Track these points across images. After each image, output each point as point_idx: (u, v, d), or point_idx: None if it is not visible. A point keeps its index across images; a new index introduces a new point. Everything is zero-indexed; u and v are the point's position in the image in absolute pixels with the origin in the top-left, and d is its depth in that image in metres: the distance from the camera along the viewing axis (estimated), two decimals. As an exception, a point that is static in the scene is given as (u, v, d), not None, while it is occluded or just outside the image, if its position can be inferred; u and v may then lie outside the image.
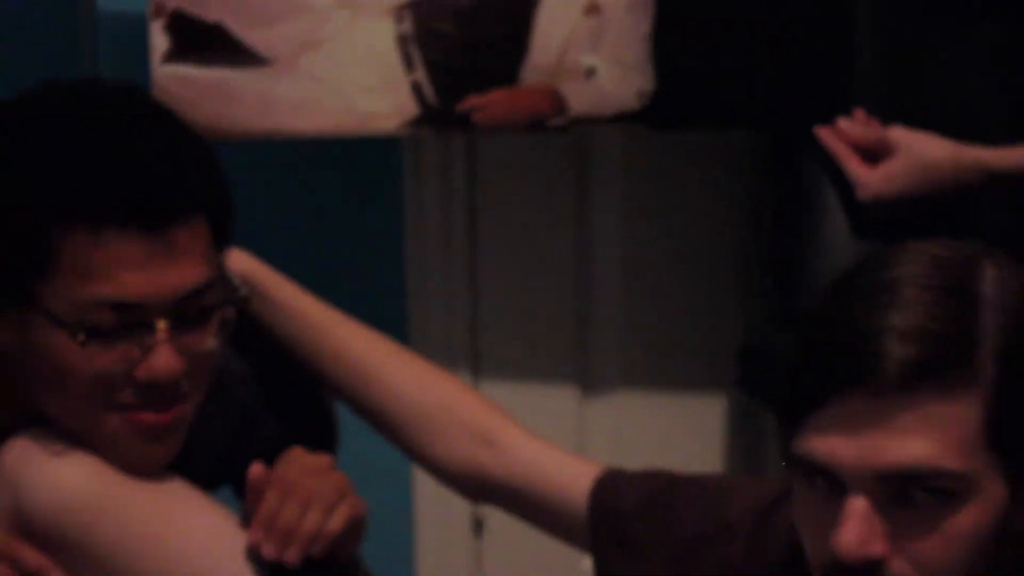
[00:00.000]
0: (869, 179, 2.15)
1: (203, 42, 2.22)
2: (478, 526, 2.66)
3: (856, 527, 1.43)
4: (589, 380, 2.65)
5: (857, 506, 1.43)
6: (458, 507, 2.58)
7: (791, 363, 1.51)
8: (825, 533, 1.44)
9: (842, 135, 2.18)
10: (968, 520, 1.46)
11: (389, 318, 2.34)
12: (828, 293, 1.51)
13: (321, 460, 1.82)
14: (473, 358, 2.60)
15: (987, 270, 1.48)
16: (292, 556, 1.74)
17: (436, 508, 2.62)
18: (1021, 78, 2.26)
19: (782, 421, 1.50)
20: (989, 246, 1.51)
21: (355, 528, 1.80)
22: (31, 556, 1.73)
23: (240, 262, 1.90)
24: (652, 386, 2.62)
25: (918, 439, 1.44)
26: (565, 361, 2.64)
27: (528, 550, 2.44)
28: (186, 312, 1.72)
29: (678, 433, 2.59)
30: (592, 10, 2.23)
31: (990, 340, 1.44)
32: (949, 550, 1.46)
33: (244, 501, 1.80)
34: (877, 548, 1.43)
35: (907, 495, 1.43)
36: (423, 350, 2.18)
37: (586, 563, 1.84)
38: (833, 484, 1.44)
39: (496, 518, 2.54)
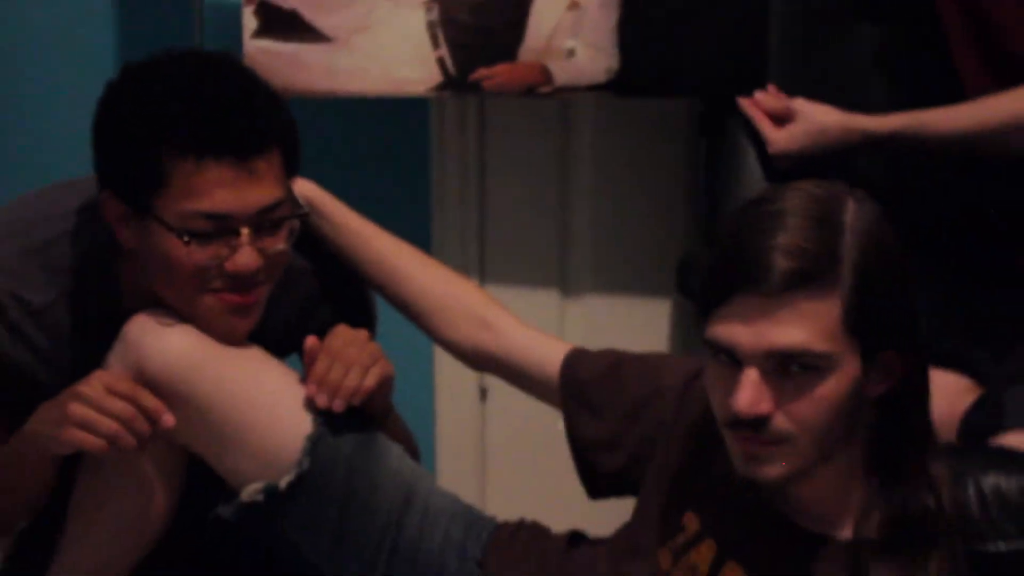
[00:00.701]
0: (777, 138, 2.16)
1: (282, 23, 2.24)
2: (483, 393, 2.67)
3: (749, 392, 1.49)
4: (566, 285, 2.66)
5: (750, 376, 1.49)
6: (468, 377, 2.59)
7: (707, 271, 1.56)
8: (727, 396, 1.51)
9: (758, 104, 2.19)
10: (831, 388, 1.50)
11: (417, 233, 2.34)
12: (733, 219, 1.57)
13: (360, 333, 1.86)
14: (480, 266, 2.61)
15: (849, 204, 1.52)
16: (338, 406, 1.80)
17: (450, 378, 2.64)
18: (892, 64, 2.29)
19: (700, 314, 1.55)
20: (853, 186, 1.57)
21: (385, 385, 1.85)
22: (150, 399, 1.77)
23: (304, 187, 1.94)
24: (615, 290, 2.63)
25: (795, 328, 1.48)
26: (549, 271, 2.65)
27: (522, 412, 2.43)
28: (263, 222, 1.78)
29: (634, 325, 2.59)
30: (573, 6, 2.24)
31: (849, 256, 1.49)
32: (816, 410, 1.51)
33: (303, 365, 1.85)
34: (764, 407, 1.49)
35: (786, 369, 1.48)
36: (442, 258, 2.18)
37: (562, 425, 1.87)
38: (733, 360, 1.50)
39: (498, 387, 2.51)
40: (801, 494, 1.60)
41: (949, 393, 1.91)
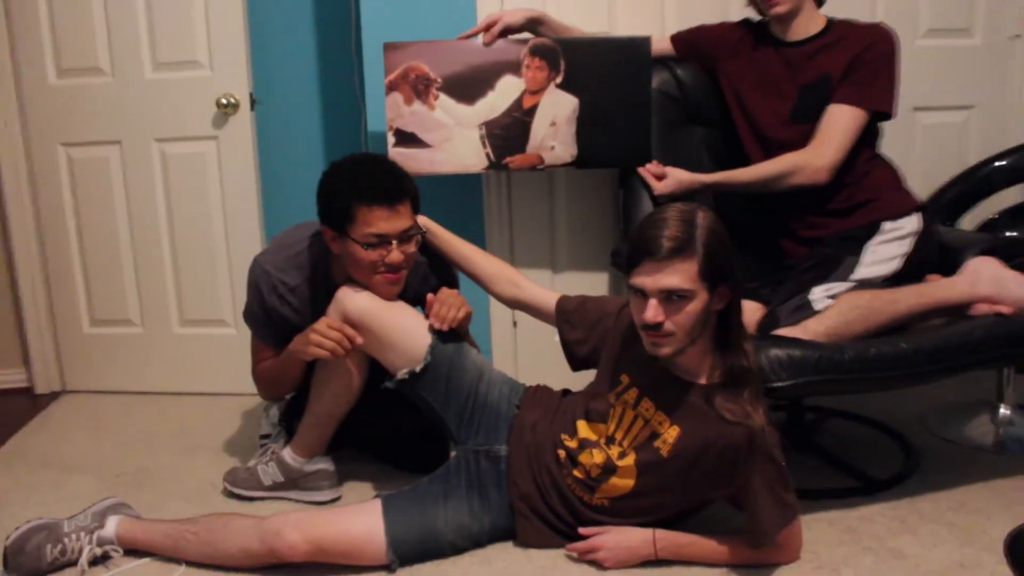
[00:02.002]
0: (658, 187, 2.11)
1: (407, 139, 2.19)
2: (515, 324, 2.57)
3: (652, 311, 1.52)
4: (555, 266, 2.55)
5: (652, 303, 1.52)
6: (506, 314, 2.53)
7: (628, 251, 1.58)
8: (641, 313, 1.53)
9: (648, 169, 2.13)
10: (693, 307, 1.53)
11: (479, 239, 2.35)
12: (640, 223, 1.58)
13: (454, 291, 1.88)
14: (512, 256, 2.50)
15: (699, 213, 1.54)
16: (444, 328, 1.80)
17: (497, 315, 2.54)
18: (711, 146, 2.25)
19: (624, 272, 1.58)
20: (701, 204, 1.58)
21: (468, 317, 1.86)
22: (349, 330, 1.79)
23: (423, 219, 1.93)
24: (579, 268, 2.54)
25: (674, 277, 1.50)
26: (545, 259, 2.54)
27: (537, 334, 2.42)
28: (403, 237, 1.81)
29: (590, 285, 2.51)
30: (553, 123, 2.17)
31: (701, 240, 1.52)
32: (687, 319, 1.53)
33: (425, 309, 1.86)
34: (659, 318, 1.52)
35: (670, 298, 1.51)
36: (492, 251, 2.18)
37: (557, 337, 1.85)
38: (643, 295, 1.52)
39: (523, 320, 2.49)
40: (680, 361, 1.63)
41: (751, 310, 1.90)
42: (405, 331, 1.83)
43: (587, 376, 1.83)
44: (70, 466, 2.22)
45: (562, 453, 1.74)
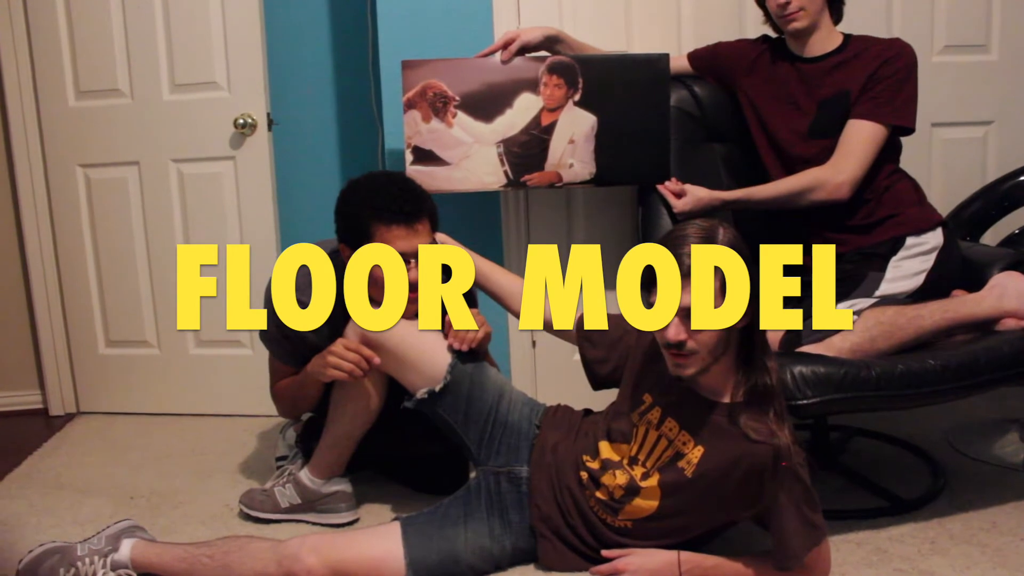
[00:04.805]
0: (677, 204, 2.09)
1: (425, 156, 2.17)
2: (534, 343, 2.54)
3: (674, 329, 1.49)
4: None
5: (675, 321, 1.50)
6: (524, 333, 2.50)
7: (648, 269, 1.55)
8: (664, 331, 1.51)
9: (666, 187, 2.11)
10: None
11: (496, 255, 2.33)
12: (661, 239, 1.56)
13: (474, 310, 1.86)
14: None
15: (720, 229, 1.52)
16: (464, 348, 1.78)
17: (516, 334, 2.51)
18: (731, 163, 2.22)
19: (645, 290, 1.55)
20: (721, 221, 1.56)
21: (487, 337, 1.84)
22: (366, 351, 1.77)
23: (441, 236, 1.91)
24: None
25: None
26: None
27: (556, 353, 2.42)
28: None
29: (612, 302, 2.41)
30: (571, 141, 2.16)
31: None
32: (710, 336, 1.51)
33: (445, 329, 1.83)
34: (682, 336, 1.50)
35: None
36: (508, 267, 2.16)
37: (577, 356, 1.83)
38: None
39: (542, 339, 2.48)
40: (703, 380, 1.60)
41: (774, 327, 1.88)
42: (424, 351, 1.80)
43: (608, 396, 1.81)
44: (85, 488, 2.21)
45: (584, 475, 1.71)
